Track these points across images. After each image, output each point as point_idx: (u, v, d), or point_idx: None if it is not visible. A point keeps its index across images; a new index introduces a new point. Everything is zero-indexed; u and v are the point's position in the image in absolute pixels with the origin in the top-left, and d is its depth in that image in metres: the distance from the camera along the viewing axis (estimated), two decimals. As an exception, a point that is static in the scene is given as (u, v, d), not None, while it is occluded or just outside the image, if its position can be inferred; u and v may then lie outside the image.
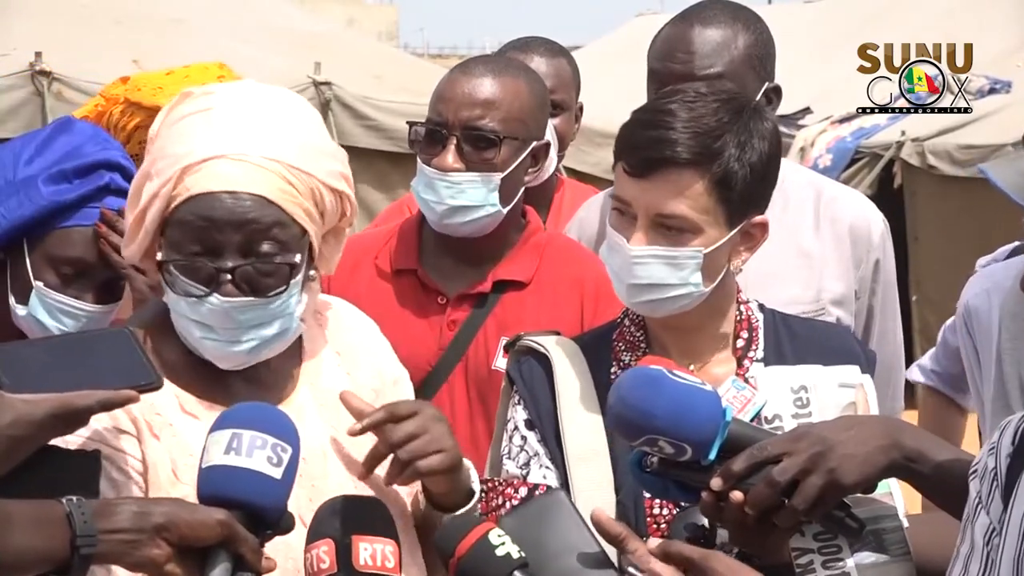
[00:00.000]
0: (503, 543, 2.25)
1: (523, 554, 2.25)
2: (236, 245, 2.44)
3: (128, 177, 3.10)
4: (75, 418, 2.20)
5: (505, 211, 3.46)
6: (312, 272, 2.56)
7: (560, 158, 4.37)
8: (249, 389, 2.55)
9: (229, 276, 2.44)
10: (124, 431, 2.43)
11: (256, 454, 2.19)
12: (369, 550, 2.28)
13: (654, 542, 2.32)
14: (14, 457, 2.14)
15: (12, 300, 3.11)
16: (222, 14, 10.84)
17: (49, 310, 3.07)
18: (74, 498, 2.12)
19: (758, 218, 2.67)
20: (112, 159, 3.13)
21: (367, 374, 2.68)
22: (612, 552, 2.36)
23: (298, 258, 2.48)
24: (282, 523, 2.23)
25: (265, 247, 2.45)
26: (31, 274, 3.08)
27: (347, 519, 2.30)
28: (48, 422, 2.16)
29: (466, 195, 3.40)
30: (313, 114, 2.61)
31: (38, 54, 9.40)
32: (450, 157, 3.40)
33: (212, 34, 10.15)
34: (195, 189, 2.43)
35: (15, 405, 2.13)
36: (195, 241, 2.44)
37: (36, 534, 2.09)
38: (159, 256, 2.47)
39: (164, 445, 2.46)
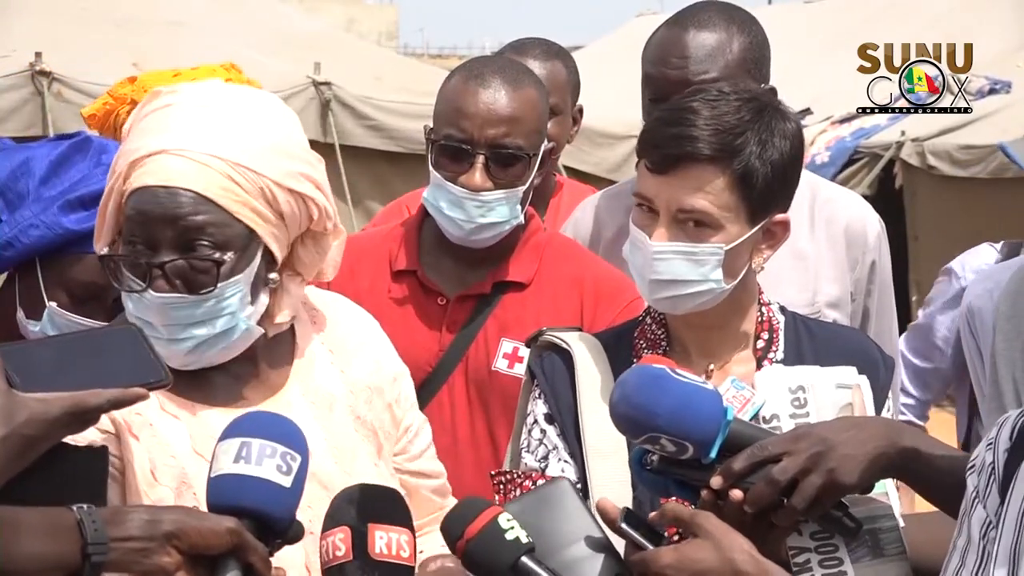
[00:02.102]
0: (512, 527, 2.24)
1: (531, 540, 2.25)
2: (170, 241, 2.43)
3: None
4: (87, 416, 2.20)
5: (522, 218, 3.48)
6: (273, 276, 2.53)
7: (553, 161, 4.36)
8: (231, 387, 2.55)
9: (160, 271, 2.43)
10: (104, 431, 2.43)
11: (265, 463, 2.17)
12: (385, 538, 2.27)
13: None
14: (28, 456, 2.14)
15: (21, 314, 3.12)
16: (222, 16, 10.85)
17: (61, 330, 3.07)
18: (84, 506, 2.12)
19: (780, 216, 2.68)
20: None
21: (363, 371, 2.68)
22: (617, 541, 2.36)
23: (228, 256, 2.45)
24: (291, 532, 2.22)
25: (201, 244, 2.43)
26: (44, 294, 3.08)
27: (363, 507, 2.29)
28: (62, 420, 2.15)
29: (495, 212, 3.41)
30: (284, 116, 2.59)
31: (38, 54, 9.41)
32: (478, 176, 3.38)
33: (212, 35, 10.16)
34: (136, 184, 2.44)
35: (29, 404, 2.12)
36: (135, 235, 2.45)
37: (47, 542, 2.08)
38: (106, 251, 2.48)
39: (143, 446, 2.45)
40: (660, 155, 2.62)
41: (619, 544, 2.34)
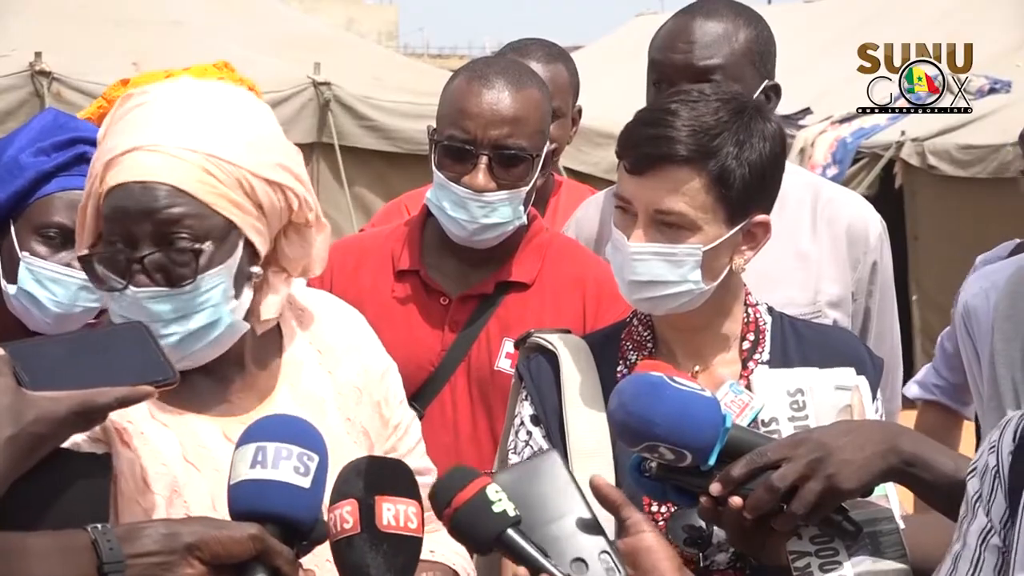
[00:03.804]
0: (500, 499, 2.24)
1: (518, 512, 2.24)
2: (149, 235, 2.41)
3: None
4: (95, 415, 2.19)
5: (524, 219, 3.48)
6: (256, 269, 2.51)
7: (554, 164, 4.36)
8: (221, 394, 2.52)
9: (139, 266, 2.41)
10: (96, 439, 2.41)
11: (282, 465, 2.16)
12: (392, 510, 2.26)
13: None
14: (36, 455, 2.13)
15: (2, 283, 3.12)
16: (222, 15, 10.85)
17: (39, 279, 3.08)
18: (99, 525, 2.11)
19: (759, 217, 2.68)
20: (87, 135, 3.17)
21: (350, 371, 2.66)
22: (604, 517, 2.34)
23: (207, 246, 2.43)
24: (315, 532, 2.20)
25: (179, 237, 2.41)
26: (17, 248, 3.10)
27: (370, 480, 2.28)
28: (69, 419, 2.14)
29: (498, 212, 3.42)
30: (258, 108, 2.58)
31: (38, 54, 9.42)
32: (482, 177, 3.39)
33: (212, 35, 10.16)
34: (112, 182, 2.42)
35: (37, 403, 2.12)
36: (114, 233, 2.43)
37: (61, 564, 2.07)
38: (105, 252, 2.45)
39: (135, 453, 2.43)
40: (637, 156, 2.62)
41: (605, 520, 2.32)
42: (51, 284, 3.09)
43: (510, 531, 2.23)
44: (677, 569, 2.24)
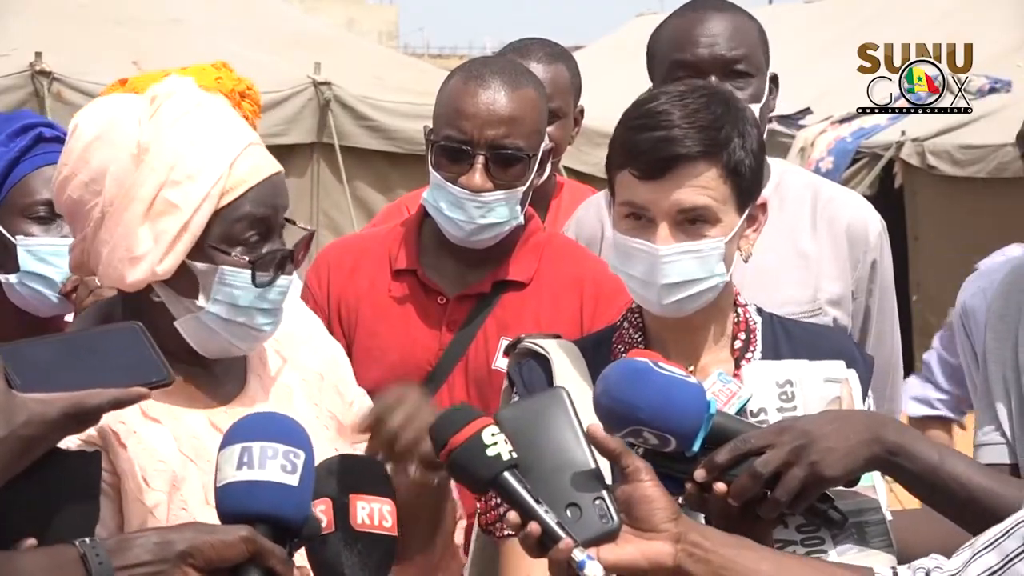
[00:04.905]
0: (495, 443, 2.21)
1: (514, 455, 2.21)
2: (279, 228, 2.48)
3: (55, 129, 3.19)
4: (87, 417, 2.19)
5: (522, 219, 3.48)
6: None
7: (555, 164, 4.36)
8: (206, 386, 2.55)
9: (290, 256, 2.48)
10: (92, 443, 2.41)
11: (269, 464, 2.15)
12: (367, 509, 2.28)
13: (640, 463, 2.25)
14: (27, 457, 2.13)
15: (2, 279, 3.13)
16: (222, 15, 10.85)
17: (41, 258, 3.10)
18: (87, 539, 2.10)
19: (759, 200, 2.71)
20: (38, 120, 3.26)
21: (308, 358, 2.68)
22: (602, 463, 2.31)
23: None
24: (306, 529, 2.20)
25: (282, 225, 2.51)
26: (8, 235, 3.11)
27: (344, 478, 2.30)
28: (61, 422, 2.14)
29: (495, 213, 3.41)
30: None
31: (38, 54, 9.42)
32: (478, 177, 3.38)
33: (212, 35, 10.16)
34: (252, 178, 2.44)
35: (28, 405, 2.11)
36: (254, 229, 2.45)
37: None
38: (237, 253, 2.44)
39: (132, 453, 2.44)
40: (650, 161, 2.60)
41: (603, 465, 2.29)
42: (54, 258, 3.10)
43: (505, 474, 2.20)
44: (672, 519, 2.21)
